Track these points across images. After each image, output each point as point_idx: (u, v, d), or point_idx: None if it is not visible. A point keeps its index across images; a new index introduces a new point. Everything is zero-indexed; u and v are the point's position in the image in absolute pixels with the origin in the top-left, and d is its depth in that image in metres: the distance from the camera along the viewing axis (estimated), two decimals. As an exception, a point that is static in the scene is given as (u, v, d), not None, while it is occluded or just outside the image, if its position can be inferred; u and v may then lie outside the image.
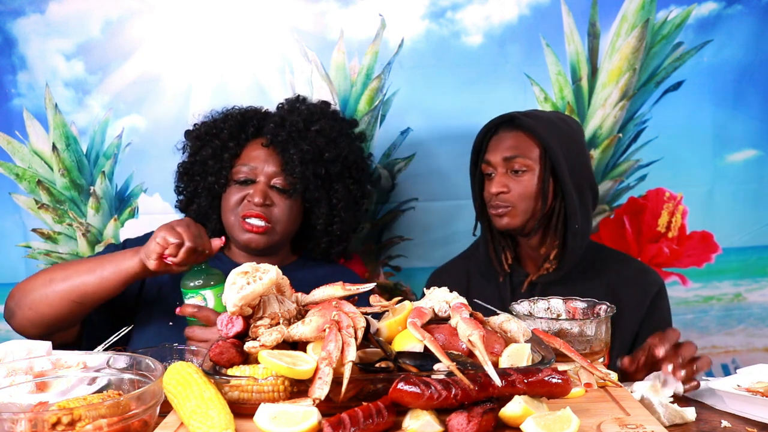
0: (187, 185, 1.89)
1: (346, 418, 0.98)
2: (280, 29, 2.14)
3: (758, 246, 2.25)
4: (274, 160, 1.80)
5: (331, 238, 1.91)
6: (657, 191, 2.22)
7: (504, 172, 1.76)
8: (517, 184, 1.75)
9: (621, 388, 1.22)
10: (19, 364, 1.23)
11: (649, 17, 2.12)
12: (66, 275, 1.60)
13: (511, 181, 1.76)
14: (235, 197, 1.79)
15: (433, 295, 1.26)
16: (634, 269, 1.86)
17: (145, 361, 1.18)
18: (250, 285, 1.12)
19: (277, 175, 1.79)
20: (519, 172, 1.75)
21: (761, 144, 2.21)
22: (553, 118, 1.80)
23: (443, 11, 2.13)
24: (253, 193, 1.77)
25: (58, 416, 1.00)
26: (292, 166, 1.78)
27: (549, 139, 1.72)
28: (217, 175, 1.82)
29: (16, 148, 2.18)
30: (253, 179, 1.79)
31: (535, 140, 1.74)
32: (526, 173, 1.75)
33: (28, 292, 1.62)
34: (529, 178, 1.75)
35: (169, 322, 1.74)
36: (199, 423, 1.01)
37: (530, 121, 1.74)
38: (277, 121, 1.84)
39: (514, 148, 1.75)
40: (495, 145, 1.78)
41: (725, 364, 2.28)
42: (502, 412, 1.02)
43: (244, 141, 1.84)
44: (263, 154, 1.81)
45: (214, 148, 1.83)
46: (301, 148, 1.79)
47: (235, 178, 1.80)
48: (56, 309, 1.59)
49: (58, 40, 2.12)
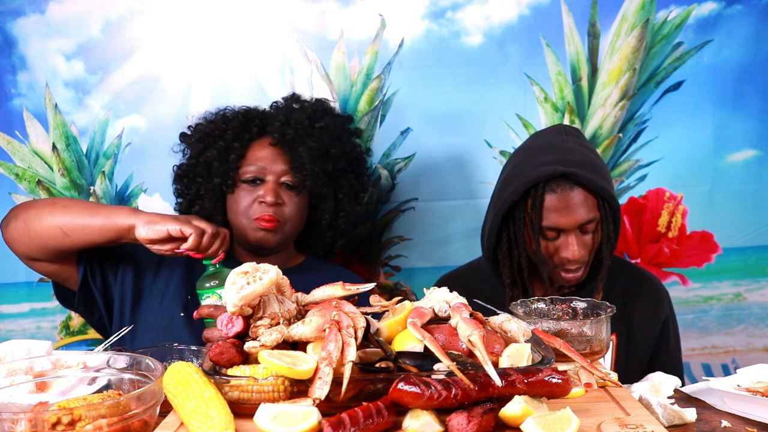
0: (188, 188, 1.88)
1: (346, 418, 0.98)
2: (280, 29, 2.14)
3: (758, 246, 2.25)
4: (282, 158, 1.81)
5: (335, 233, 1.94)
6: (657, 191, 2.22)
7: (576, 234, 1.66)
8: (589, 240, 1.68)
9: (621, 388, 1.22)
10: (19, 364, 1.23)
11: (649, 17, 2.12)
12: (66, 205, 1.67)
13: (584, 239, 1.67)
14: (245, 200, 1.79)
15: (433, 295, 1.26)
16: (642, 281, 1.86)
17: (145, 361, 1.18)
18: (250, 285, 1.12)
19: (286, 173, 1.80)
20: (587, 233, 1.68)
21: (761, 144, 2.21)
22: (587, 154, 1.71)
23: (443, 11, 2.13)
24: (264, 193, 1.77)
25: (58, 416, 1.00)
26: (301, 163, 1.79)
27: (606, 187, 1.65)
28: (223, 176, 1.81)
29: (16, 148, 2.17)
30: (263, 178, 1.79)
31: (592, 193, 1.65)
32: (596, 230, 1.68)
33: (29, 208, 1.68)
34: (597, 233, 1.68)
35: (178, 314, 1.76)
36: (199, 423, 1.01)
37: (587, 175, 1.63)
38: (282, 120, 1.84)
39: (587, 211, 1.64)
40: (560, 207, 1.64)
41: (725, 364, 2.28)
42: (502, 412, 1.02)
43: (248, 141, 1.84)
44: (270, 153, 1.81)
45: (219, 150, 1.82)
46: (309, 146, 1.80)
47: (243, 179, 1.80)
48: (45, 231, 1.64)
49: (58, 40, 2.12)
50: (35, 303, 2.20)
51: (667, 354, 1.83)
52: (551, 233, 1.67)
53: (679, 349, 1.89)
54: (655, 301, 1.83)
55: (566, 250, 1.66)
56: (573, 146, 1.72)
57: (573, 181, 1.64)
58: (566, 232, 1.66)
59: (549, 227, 1.66)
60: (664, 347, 1.82)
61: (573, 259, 1.66)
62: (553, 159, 1.67)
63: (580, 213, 1.64)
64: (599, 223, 1.67)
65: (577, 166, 1.64)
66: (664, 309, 1.83)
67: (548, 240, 1.68)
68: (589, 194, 1.65)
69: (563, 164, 1.64)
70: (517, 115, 2.16)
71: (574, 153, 1.69)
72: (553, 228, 1.66)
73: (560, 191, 1.64)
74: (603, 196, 1.65)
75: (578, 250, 1.65)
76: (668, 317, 1.83)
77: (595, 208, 1.65)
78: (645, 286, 1.85)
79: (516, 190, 1.67)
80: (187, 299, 1.76)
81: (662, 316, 1.82)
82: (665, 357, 1.83)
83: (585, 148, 1.75)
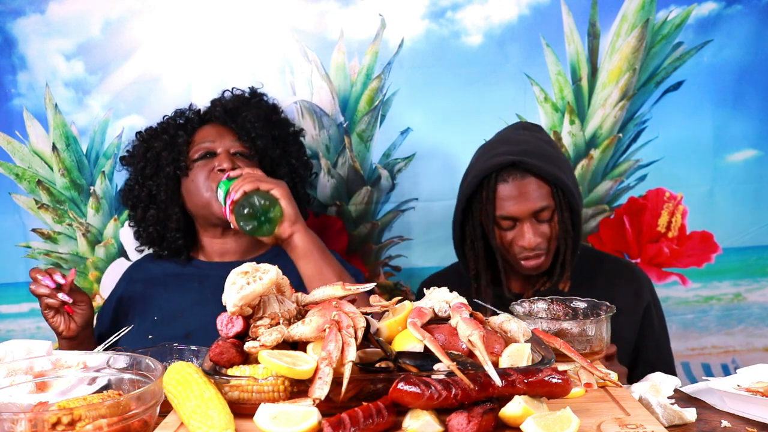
0: (140, 192, 1.90)
1: (346, 418, 0.98)
2: (280, 29, 2.14)
3: (758, 246, 2.25)
4: (228, 132, 1.88)
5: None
6: (657, 191, 2.22)
7: (531, 222, 1.68)
8: (546, 229, 1.70)
9: (621, 388, 1.22)
10: (19, 364, 1.23)
11: (649, 17, 2.12)
12: None
13: (539, 228, 1.69)
14: (201, 175, 1.82)
15: (433, 295, 1.26)
16: (623, 271, 1.87)
17: (145, 361, 1.18)
18: (250, 285, 1.12)
19: (234, 143, 1.86)
20: (543, 221, 1.69)
21: (761, 144, 2.21)
22: (541, 145, 1.75)
23: (443, 11, 2.13)
24: (219, 162, 1.81)
25: (58, 416, 1.00)
26: (247, 130, 1.86)
27: (560, 175, 1.67)
28: (175, 162, 1.85)
29: (16, 148, 2.17)
30: (214, 151, 1.84)
31: (544, 181, 1.68)
32: (551, 218, 1.70)
33: None
34: (553, 221, 1.70)
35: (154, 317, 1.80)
36: (199, 423, 1.01)
37: (538, 164, 1.66)
38: (219, 104, 1.94)
39: (539, 198, 1.67)
40: (512, 196, 1.67)
41: (725, 364, 2.28)
42: (502, 412, 1.02)
43: (191, 130, 1.90)
44: (216, 130, 1.89)
45: (165, 142, 1.87)
46: (251, 113, 1.89)
47: (195, 158, 1.84)
48: None
49: (58, 40, 2.12)
50: (35, 303, 2.16)
51: (652, 341, 1.82)
52: (507, 222, 1.70)
53: (666, 337, 1.88)
54: (636, 289, 1.83)
55: (522, 238, 1.69)
56: (528, 139, 1.76)
57: (524, 169, 1.66)
58: (521, 220, 1.69)
59: (503, 216, 1.69)
60: (648, 334, 1.81)
61: (529, 247, 1.68)
62: (505, 150, 1.71)
63: (532, 201, 1.66)
64: (555, 211, 1.69)
65: (528, 156, 1.68)
66: (646, 296, 1.83)
67: (505, 230, 1.71)
68: (542, 182, 1.67)
69: (514, 154, 1.68)
70: (517, 115, 2.16)
71: (527, 144, 1.73)
72: (508, 217, 1.69)
73: (512, 180, 1.67)
74: (556, 185, 1.67)
75: (533, 239, 1.67)
76: (650, 304, 1.83)
77: (549, 196, 1.68)
78: (625, 276, 1.85)
79: (470, 184, 1.71)
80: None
81: (643, 303, 1.81)
82: (651, 344, 1.82)
83: (541, 140, 1.78)
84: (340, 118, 2.17)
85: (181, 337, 1.68)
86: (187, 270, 1.90)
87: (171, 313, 1.80)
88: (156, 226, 1.89)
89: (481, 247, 1.75)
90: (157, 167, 1.87)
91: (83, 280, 2.22)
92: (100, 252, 2.23)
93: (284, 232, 1.67)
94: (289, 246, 1.68)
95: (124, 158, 1.98)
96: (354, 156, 2.18)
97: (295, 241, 1.67)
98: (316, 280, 1.65)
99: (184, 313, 1.79)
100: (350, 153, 2.18)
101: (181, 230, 1.89)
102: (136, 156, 1.92)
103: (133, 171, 1.92)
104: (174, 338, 1.58)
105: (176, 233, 1.88)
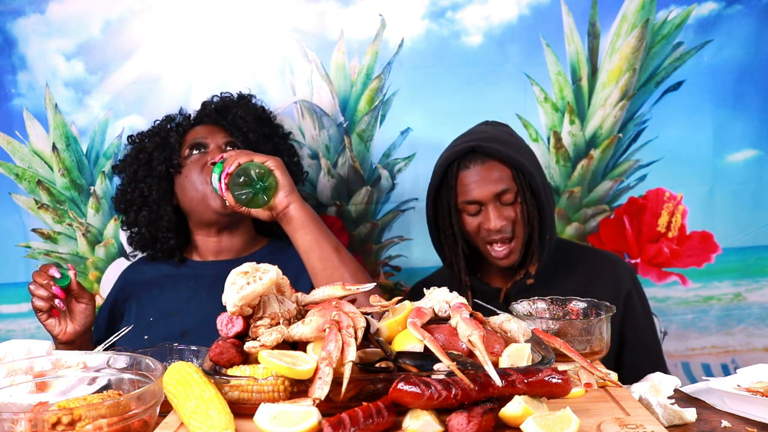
0: (132, 194, 1.90)
1: (346, 418, 0.98)
2: (280, 29, 2.14)
3: (758, 246, 2.25)
4: (218, 129, 1.89)
5: None
6: (657, 191, 2.22)
7: (495, 206, 1.71)
8: (510, 212, 1.72)
9: (621, 388, 1.22)
10: (19, 364, 1.23)
11: (649, 17, 2.12)
12: None
13: (503, 211, 1.71)
14: (195, 170, 1.82)
15: (433, 295, 1.26)
16: (603, 262, 1.87)
17: (145, 361, 1.18)
18: (250, 285, 1.12)
19: (226, 138, 1.87)
20: (506, 204, 1.72)
21: (761, 144, 2.21)
22: (502, 135, 1.78)
23: (443, 11, 2.13)
24: (211, 156, 1.82)
25: (58, 416, 1.00)
26: (238, 125, 1.88)
27: (519, 159, 1.70)
28: (167, 161, 1.85)
29: (16, 148, 2.18)
30: (206, 145, 1.86)
31: (505, 164, 1.70)
32: (515, 201, 1.72)
33: None
34: (517, 205, 1.72)
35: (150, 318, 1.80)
36: (199, 423, 1.01)
37: (496, 147, 1.69)
38: (206, 105, 1.95)
39: (500, 180, 1.69)
40: (474, 180, 1.70)
41: (725, 364, 2.28)
42: (502, 412, 1.02)
43: (182, 132, 1.91)
44: (208, 129, 1.90)
45: (156, 143, 1.88)
46: (242, 110, 1.90)
47: (186, 154, 1.85)
48: None
49: (58, 40, 2.12)
50: (35, 303, 2.20)
51: (635, 330, 1.80)
52: (472, 207, 1.72)
53: (652, 327, 1.86)
54: (615, 278, 1.82)
55: (488, 222, 1.71)
56: (490, 130, 1.79)
57: (484, 154, 1.70)
58: (485, 204, 1.71)
59: (467, 201, 1.72)
60: (631, 322, 1.79)
61: (494, 230, 1.70)
62: (466, 139, 1.76)
63: (494, 183, 1.69)
64: (517, 194, 1.71)
65: (487, 141, 1.71)
66: (626, 284, 1.81)
67: (471, 215, 1.74)
68: (503, 166, 1.70)
69: (474, 141, 1.72)
70: (517, 115, 2.16)
71: (488, 133, 1.77)
72: (471, 201, 1.71)
73: (473, 166, 1.71)
74: (516, 167, 1.69)
75: (498, 221, 1.70)
76: (632, 291, 1.81)
77: (510, 178, 1.70)
78: (607, 267, 1.85)
79: (436, 173, 1.76)
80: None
81: (624, 291, 1.80)
82: (634, 333, 1.79)
83: (504, 133, 1.81)
84: (340, 118, 2.17)
85: (178, 336, 1.68)
86: (181, 270, 1.90)
87: (166, 312, 1.80)
88: (148, 228, 1.89)
89: (451, 235, 1.78)
90: (149, 168, 1.87)
91: (83, 280, 2.22)
92: (100, 252, 2.23)
93: (280, 203, 1.66)
94: (285, 218, 1.68)
95: (116, 166, 1.99)
96: (354, 156, 2.19)
97: (291, 212, 1.67)
98: (313, 251, 1.65)
99: (179, 312, 1.79)
100: (350, 153, 2.18)
101: (173, 230, 1.88)
102: (127, 160, 1.92)
103: (125, 176, 1.92)
104: (170, 337, 1.58)
105: (168, 233, 1.88)
